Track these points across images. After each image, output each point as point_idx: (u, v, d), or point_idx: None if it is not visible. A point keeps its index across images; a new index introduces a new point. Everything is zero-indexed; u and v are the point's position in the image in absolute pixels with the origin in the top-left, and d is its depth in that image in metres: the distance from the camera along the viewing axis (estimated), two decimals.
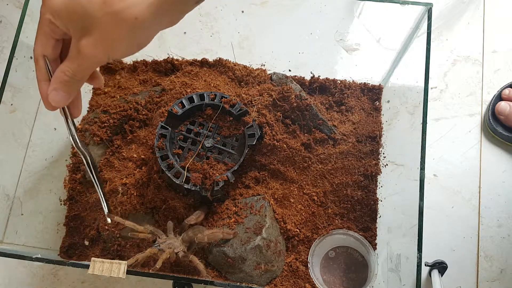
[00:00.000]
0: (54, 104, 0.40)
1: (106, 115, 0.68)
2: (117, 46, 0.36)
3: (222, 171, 0.63)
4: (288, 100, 0.68)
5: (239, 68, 0.74)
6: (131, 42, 0.37)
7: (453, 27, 0.82)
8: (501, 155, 0.74)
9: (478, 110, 0.77)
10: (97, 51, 0.36)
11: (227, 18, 0.82)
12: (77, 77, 0.39)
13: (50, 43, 0.39)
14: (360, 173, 0.68)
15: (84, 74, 0.39)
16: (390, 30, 0.71)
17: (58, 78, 0.39)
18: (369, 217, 0.66)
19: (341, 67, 0.77)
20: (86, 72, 0.39)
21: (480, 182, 0.73)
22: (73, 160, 0.67)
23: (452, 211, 0.72)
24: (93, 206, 0.65)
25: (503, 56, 0.79)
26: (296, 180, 0.67)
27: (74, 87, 0.40)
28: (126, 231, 0.63)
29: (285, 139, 0.67)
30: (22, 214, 0.67)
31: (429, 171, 0.74)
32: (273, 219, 0.64)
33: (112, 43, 0.36)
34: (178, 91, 0.70)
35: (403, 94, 0.68)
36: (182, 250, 0.58)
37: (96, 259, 0.49)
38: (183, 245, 0.59)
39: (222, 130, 0.67)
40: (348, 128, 0.71)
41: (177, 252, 0.57)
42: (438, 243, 0.70)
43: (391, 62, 0.71)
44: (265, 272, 0.61)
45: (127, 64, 0.78)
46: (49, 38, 0.39)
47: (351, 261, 0.66)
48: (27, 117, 0.69)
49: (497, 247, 0.70)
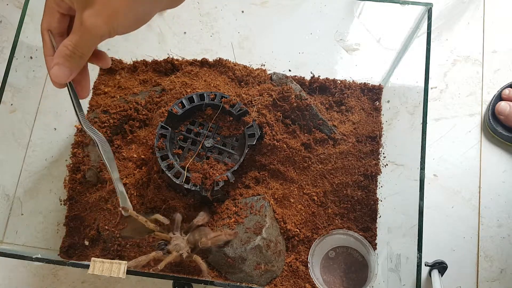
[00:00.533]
0: (55, 79, 0.40)
1: (106, 115, 0.68)
2: (117, 17, 0.36)
3: (222, 171, 0.63)
4: (288, 100, 0.68)
5: (239, 68, 0.74)
6: (131, 15, 0.37)
7: (453, 27, 0.82)
8: (501, 155, 0.74)
9: (478, 110, 0.77)
10: (99, 21, 0.36)
11: (227, 18, 0.82)
12: (79, 50, 0.38)
13: (55, 17, 0.40)
14: (360, 173, 0.68)
15: (86, 47, 0.39)
16: (390, 30, 0.71)
17: (60, 52, 0.39)
18: (369, 217, 0.66)
19: (341, 67, 0.77)
20: (88, 46, 0.39)
21: (480, 182, 0.73)
22: (73, 160, 0.67)
23: (452, 211, 0.72)
24: (93, 206, 0.65)
25: (503, 56, 0.79)
26: (296, 180, 0.67)
27: (77, 62, 0.40)
28: (126, 231, 0.63)
29: (285, 139, 0.67)
30: (22, 214, 0.67)
31: (429, 171, 0.74)
32: (273, 219, 0.64)
33: (112, 13, 0.36)
34: (178, 91, 0.70)
35: (403, 94, 0.68)
36: (187, 251, 0.58)
37: (96, 259, 0.49)
38: (188, 246, 0.59)
39: (222, 130, 0.67)
40: (348, 128, 0.71)
41: (181, 253, 0.57)
42: (438, 243, 0.70)
43: (391, 62, 0.71)
44: (265, 272, 0.61)
45: (127, 64, 0.78)
46: (54, 12, 0.40)
47: (351, 261, 0.66)
48: (27, 117, 0.69)
49: (497, 247, 0.70)
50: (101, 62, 0.45)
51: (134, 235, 0.63)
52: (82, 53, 0.39)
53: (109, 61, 0.46)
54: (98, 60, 0.45)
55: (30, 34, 0.64)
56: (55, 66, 0.39)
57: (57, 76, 0.40)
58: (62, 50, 0.38)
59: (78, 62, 0.40)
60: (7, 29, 0.84)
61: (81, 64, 0.41)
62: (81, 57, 0.39)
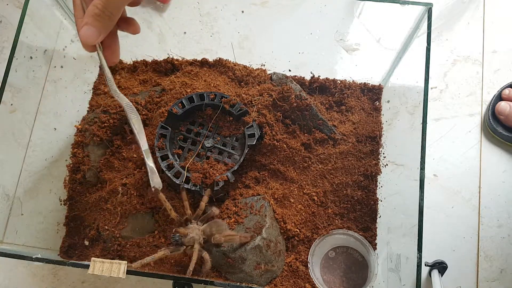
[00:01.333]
0: (84, 39, 0.40)
1: (106, 115, 0.68)
2: None
3: (222, 171, 0.63)
4: (288, 100, 0.68)
5: (239, 68, 0.74)
6: None
7: (453, 27, 0.82)
8: (501, 155, 0.74)
9: (478, 110, 0.77)
10: None
11: (227, 18, 0.83)
12: (108, 9, 0.38)
13: None
14: (360, 173, 0.68)
15: (115, 7, 0.39)
16: (390, 30, 0.71)
17: (89, 12, 0.39)
18: (369, 217, 0.66)
19: (341, 67, 0.77)
20: (117, 5, 0.39)
21: (480, 182, 0.73)
22: (73, 160, 0.67)
23: (452, 211, 0.72)
24: (93, 206, 0.65)
25: (503, 56, 0.79)
26: (296, 180, 0.67)
27: (106, 22, 0.39)
28: (126, 231, 0.63)
29: (285, 139, 0.67)
30: (22, 214, 0.67)
31: (429, 171, 0.74)
32: (273, 219, 0.64)
33: None
34: (178, 91, 0.70)
35: (403, 94, 0.68)
36: (199, 243, 0.57)
37: (96, 259, 0.49)
38: (202, 238, 0.58)
39: (222, 130, 0.67)
40: (348, 128, 0.71)
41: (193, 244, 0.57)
42: (438, 243, 0.70)
43: (391, 62, 0.71)
44: (265, 272, 0.61)
45: (127, 64, 0.78)
46: None
47: (351, 261, 0.66)
48: (27, 117, 0.69)
49: (497, 247, 0.70)
50: (131, 28, 0.45)
51: (134, 235, 0.63)
52: (111, 13, 0.39)
53: (138, 28, 0.46)
54: (128, 25, 0.44)
55: (30, 34, 0.64)
56: (84, 26, 0.39)
57: (86, 36, 0.39)
58: (91, 9, 0.38)
59: (107, 22, 0.40)
60: (7, 29, 0.84)
61: (110, 25, 0.40)
62: (110, 17, 0.39)
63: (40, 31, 0.72)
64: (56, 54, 0.78)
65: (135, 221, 0.63)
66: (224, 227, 0.60)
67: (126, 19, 0.44)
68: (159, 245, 0.63)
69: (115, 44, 0.44)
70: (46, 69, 0.76)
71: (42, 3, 0.66)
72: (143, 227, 0.64)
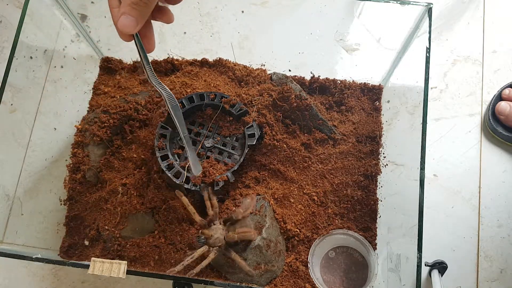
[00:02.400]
0: (122, 29, 0.40)
1: (106, 115, 0.68)
2: None
3: (222, 171, 0.63)
4: (288, 100, 0.68)
5: (239, 68, 0.74)
6: None
7: (453, 27, 0.82)
8: (501, 155, 0.74)
9: (478, 110, 0.77)
10: None
11: (227, 18, 0.83)
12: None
13: None
14: (360, 173, 0.68)
15: None
16: (390, 30, 0.71)
17: (126, 1, 0.39)
18: (369, 217, 0.66)
19: (341, 67, 0.77)
20: None
21: (480, 182, 0.73)
22: (73, 160, 0.67)
23: (452, 211, 0.72)
24: (93, 206, 0.65)
25: (503, 56, 0.79)
26: (296, 180, 0.67)
27: (142, 11, 0.40)
28: (126, 231, 0.63)
29: (285, 139, 0.67)
30: (22, 214, 0.67)
31: (429, 171, 0.74)
32: (273, 219, 0.64)
33: None
34: (178, 91, 0.70)
35: (403, 94, 0.68)
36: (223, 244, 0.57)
37: (96, 259, 0.49)
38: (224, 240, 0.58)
39: (222, 130, 0.67)
40: (348, 128, 0.71)
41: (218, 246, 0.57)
42: (438, 243, 0.70)
43: (391, 62, 0.71)
44: (265, 272, 0.61)
45: (127, 64, 0.78)
46: None
47: (351, 261, 0.66)
48: (27, 117, 0.69)
49: (497, 247, 0.70)
50: (165, 17, 0.45)
51: (134, 235, 0.63)
52: (147, 0, 0.39)
53: (172, 17, 0.46)
54: (162, 15, 0.45)
55: (30, 34, 0.63)
56: (122, 16, 0.39)
57: (124, 25, 0.40)
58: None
59: (144, 10, 0.40)
60: (7, 29, 0.84)
61: (146, 13, 0.41)
62: (146, 5, 0.40)
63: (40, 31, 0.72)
64: (56, 54, 0.78)
65: (135, 221, 0.63)
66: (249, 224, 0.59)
67: (160, 8, 0.44)
68: (159, 245, 0.63)
69: (151, 33, 0.45)
70: (46, 69, 0.76)
71: (42, 3, 0.66)
72: (143, 227, 0.64)
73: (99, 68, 0.77)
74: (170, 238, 0.63)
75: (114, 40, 0.80)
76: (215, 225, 0.58)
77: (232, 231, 0.58)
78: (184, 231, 0.63)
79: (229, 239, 0.57)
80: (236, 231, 0.57)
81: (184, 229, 0.63)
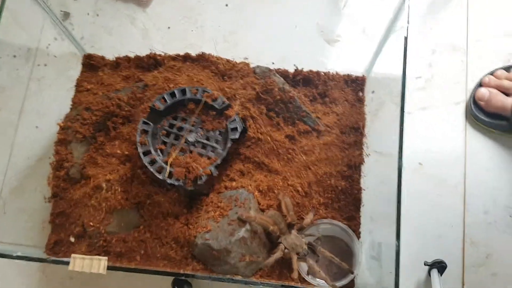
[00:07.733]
0: None
1: (88, 113, 0.68)
2: None
3: (206, 165, 0.63)
4: (271, 93, 0.68)
5: (222, 62, 0.74)
6: None
7: (437, 16, 0.82)
8: (485, 142, 0.75)
9: (463, 98, 0.77)
10: None
11: (211, 12, 0.82)
12: None
13: None
14: (344, 164, 0.68)
15: None
16: (372, 21, 0.71)
17: None
18: (353, 206, 0.67)
19: (325, 59, 0.77)
20: None
21: (465, 169, 0.74)
22: (57, 157, 0.67)
23: (438, 199, 0.72)
24: (77, 203, 0.65)
25: (487, 44, 0.79)
26: (280, 172, 0.68)
27: None
28: (111, 226, 0.64)
29: (269, 132, 0.67)
30: (5, 212, 0.67)
31: (414, 160, 0.74)
32: (257, 211, 0.64)
33: None
34: (161, 87, 0.70)
35: (387, 84, 0.68)
36: (305, 250, 0.61)
37: (76, 255, 0.49)
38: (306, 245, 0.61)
39: (205, 124, 0.67)
40: (331, 120, 0.71)
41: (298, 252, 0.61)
42: (424, 232, 0.71)
43: (373, 53, 0.71)
44: (250, 264, 0.61)
45: (109, 60, 0.78)
46: None
47: (337, 250, 0.66)
48: (11, 116, 0.69)
49: (483, 233, 0.70)
50: None
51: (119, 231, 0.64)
52: None
53: None
54: None
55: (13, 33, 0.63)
56: None
57: None
58: None
59: None
60: None
61: None
62: None
63: (22, 29, 0.72)
64: (39, 52, 0.78)
65: (120, 216, 0.64)
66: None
67: None
68: (145, 239, 0.63)
69: None
70: (29, 67, 0.76)
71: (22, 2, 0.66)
72: (129, 222, 0.64)
73: (82, 65, 0.77)
74: (156, 232, 0.64)
75: (97, 37, 0.80)
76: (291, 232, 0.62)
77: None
78: (169, 226, 0.64)
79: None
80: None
81: (169, 223, 0.64)
